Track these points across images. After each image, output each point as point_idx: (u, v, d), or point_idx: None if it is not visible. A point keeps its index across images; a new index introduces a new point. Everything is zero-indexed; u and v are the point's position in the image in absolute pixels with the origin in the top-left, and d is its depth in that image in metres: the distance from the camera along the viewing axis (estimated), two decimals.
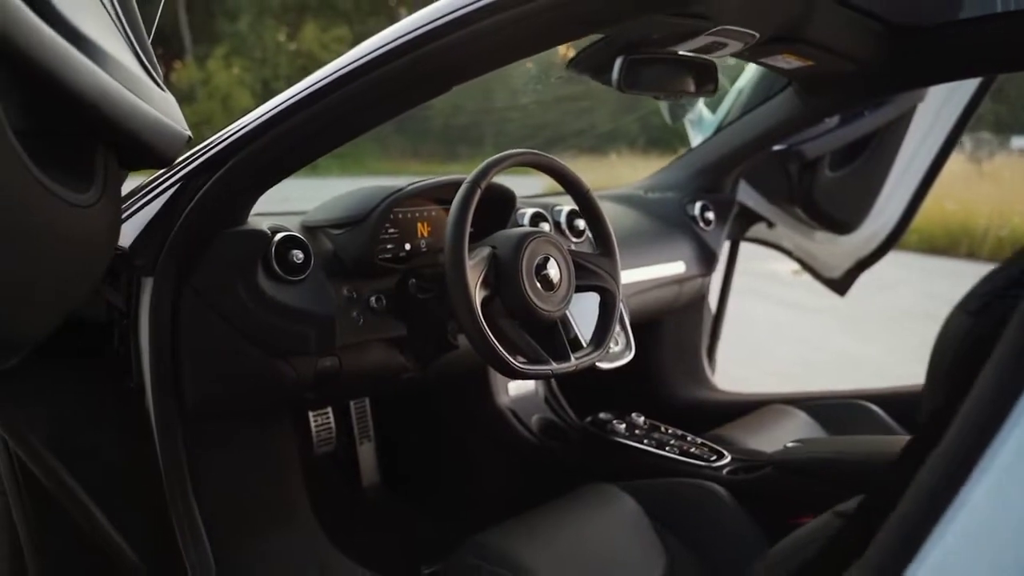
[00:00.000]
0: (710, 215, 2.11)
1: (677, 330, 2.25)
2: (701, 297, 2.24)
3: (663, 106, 2.41)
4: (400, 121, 1.33)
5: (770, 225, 2.44)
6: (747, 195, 2.33)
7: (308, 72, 1.17)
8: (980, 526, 0.47)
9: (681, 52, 1.40)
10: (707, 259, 2.07)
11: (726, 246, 2.39)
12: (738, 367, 3.64)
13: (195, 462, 1.27)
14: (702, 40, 1.33)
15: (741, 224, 2.40)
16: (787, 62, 1.62)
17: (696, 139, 2.37)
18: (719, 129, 2.23)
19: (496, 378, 1.77)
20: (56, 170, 0.85)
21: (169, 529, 1.26)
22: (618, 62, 1.35)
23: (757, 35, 1.37)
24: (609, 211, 2.07)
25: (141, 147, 0.99)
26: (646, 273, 1.93)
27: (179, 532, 1.26)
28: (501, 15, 0.98)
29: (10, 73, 0.77)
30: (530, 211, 1.65)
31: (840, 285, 2.60)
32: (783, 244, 2.56)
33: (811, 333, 5.26)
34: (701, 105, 2.39)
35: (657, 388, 2.16)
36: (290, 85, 1.16)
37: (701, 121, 2.41)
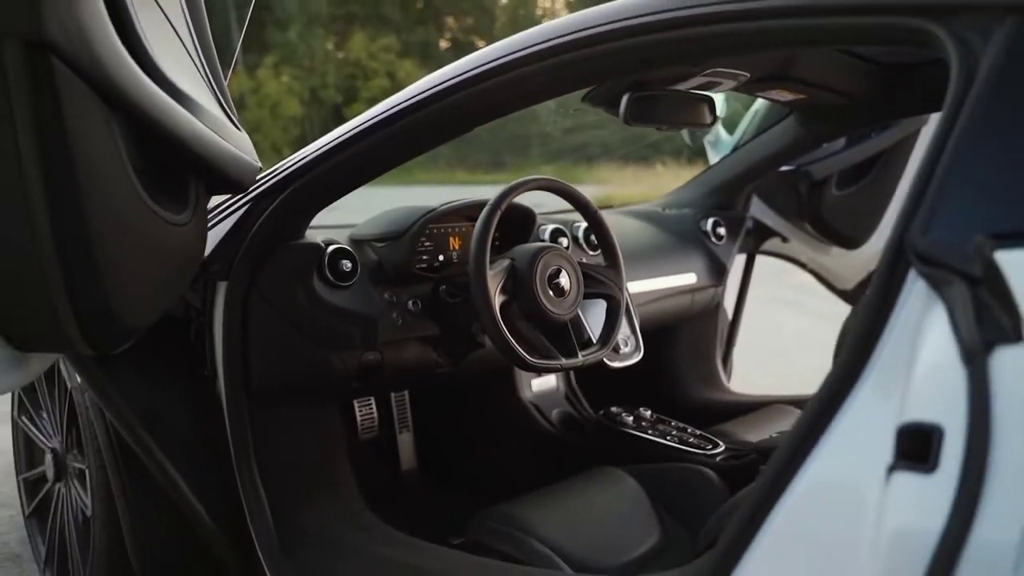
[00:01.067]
0: (722, 230, 2.29)
1: (694, 336, 2.43)
2: (716, 306, 2.42)
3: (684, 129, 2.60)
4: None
5: (784, 240, 2.60)
6: (761, 211, 2.50)
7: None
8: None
9: (681, 89, 1.59)
10: (718, 271, 2.25)
11: (742, 259, 2.57)
12: (764, 376, 3.78)
13: (258, 440, 1.50)
14: (698, 80, 1.52)
15: (756, 238, 2.57)
16: (782, 95, 1.80)
17: (714, 159, 2.55)
18: (735, 149, 2.41)
19: (520, 375, 1.97)
20: (161, 196, 1.09)
21: (236, 498, 1.49)
22: (624, 98, 1.54)
23: (748, 75, 1.56)
24: (629, 226, 2.28)
25: (223, 177, 1.23)
26: (661, 283, 2.12)
27: (245, 501, 1.48)
28: (543, 62, 1.17)
29: (130, 125, 1.00)
30: (551, 227, 1.86)
31: (853, 297, 2.75)
32: (798, 257, 2.72)
33: None
34: (719, 127, 2.58)
35: (672, 388, 2.34)
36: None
37: (719, 142, 2.59)
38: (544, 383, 2.02)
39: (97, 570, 1.60)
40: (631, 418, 1.83)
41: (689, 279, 2.18)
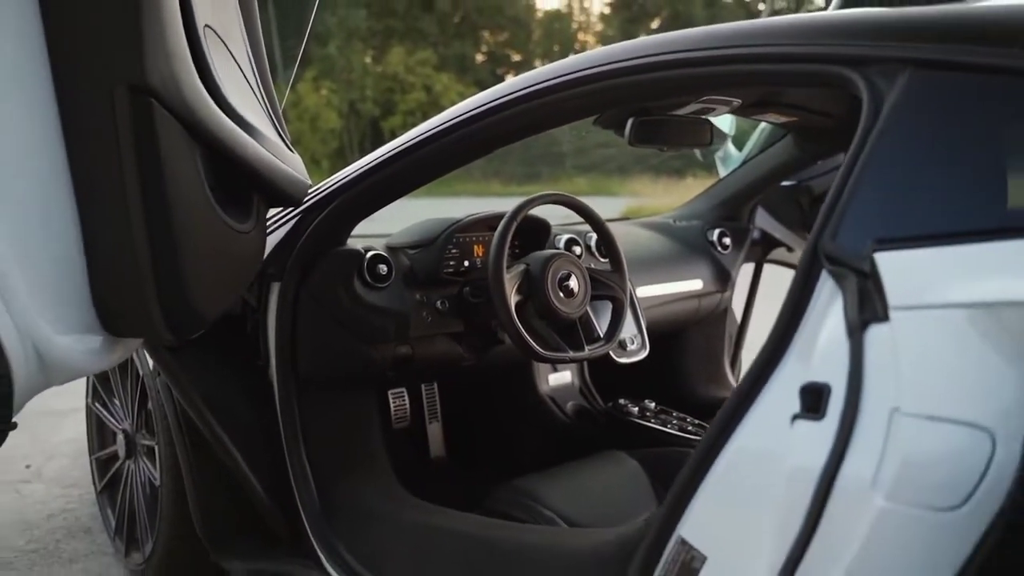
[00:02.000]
0: (727, 240, 2.48)
1: (702, 338, 2.61)
2: (723, 311, 2.60)
3: None
4: None
5: (790, 249, 2.78)
6: (767, 223, 2.68)
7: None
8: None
9: (680, 114, 1.79)
10: (723, 278, 2.43)
11: (749, 267, 2.75)
12: None
13: (305, 422, 1.71)
14: (693, 106, 1.72)
15: (763, 248, 2.75)
16: (775, 118, 1.99)
17: (724, 174, 2.74)
18: (742, 165, 2.59)
19: (538, 371, 2.17)
20: (229, 208, 1.32)
21: (285, 471, 1.70)
22: (629, 122, 1.74)
23: (739, 101, 1.75)
24: (642, 236, 2.48)
25: (279, 192, 1.45)
26: (669, 288, 2.32)
27: (292, 474, 1.70)
28: (572, 90, 1.36)
29: (207, 151, 1.23)
30: (566, 236, 2.06)
31: None
32: None
33: None
34: (729, 144, 2.76)
35: (681, 386, 2.53)
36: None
37: (728, 158, 2.77)
38: (560, 378, 2.22)
39: (164, 534, 1.83)
40: (636, 409, 2.02)
41: (695, 285, 2.37)
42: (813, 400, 0.81)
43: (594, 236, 2.15)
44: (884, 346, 0.76)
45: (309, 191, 1.65)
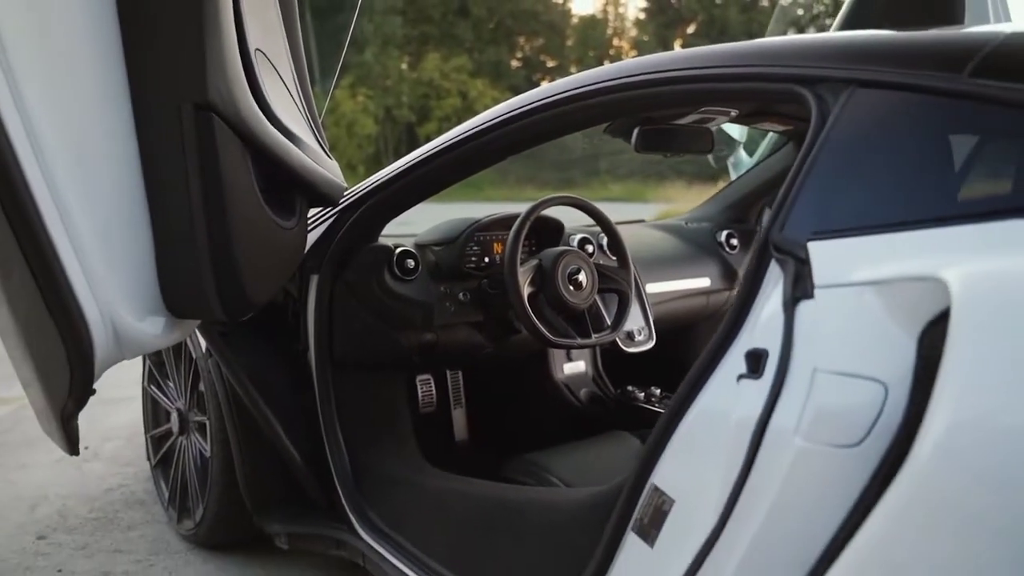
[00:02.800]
0: (735, 241, 2.63)
1: (710, 333, 2.76)
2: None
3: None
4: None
5: None
6: None
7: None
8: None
9: (682, 123, 1.95)
10: (730, 276, 2.59)
11: None
12: None
13: (339, 400, 1.90)
14: (692, 116, 1.89)
15: None
16: (773, 126, 2.15)
17: (735, 178, 2.90)
18: (751, 169, 2.75)
19: (554, 360, 2.35)
20: (276, 208, 1.52)
21: (321, 444, 1.89)
22: (635, 131, 1.92)
23: (735, 111, 1.92)
24: (654, 236, 2.65)
25: (318, 194, 1.65)
26: (678, 285, 2.48)
27: (327, 446, 1.89)
28: (588, 101, 1.52)
29: (258, 158, 1.43)
30: (579, 236, 2.24)
31: None
32: None
33: None
34: (740, 150, 2.92)
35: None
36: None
37: (739, 163, 2.94)
38: (574, 367, 2.39)
39: (213, 501, 2.04)
40: (643, 394, 2.19)
41: (703, 283, 2.53)
42: (754, 363, 0.98)
43: (605, 236, 2.32)
44: (809, 318, 0.93)
45: (345, 193, 1.85)
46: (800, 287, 0.96)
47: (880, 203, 0.96)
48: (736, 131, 2.80)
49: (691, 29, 33.54)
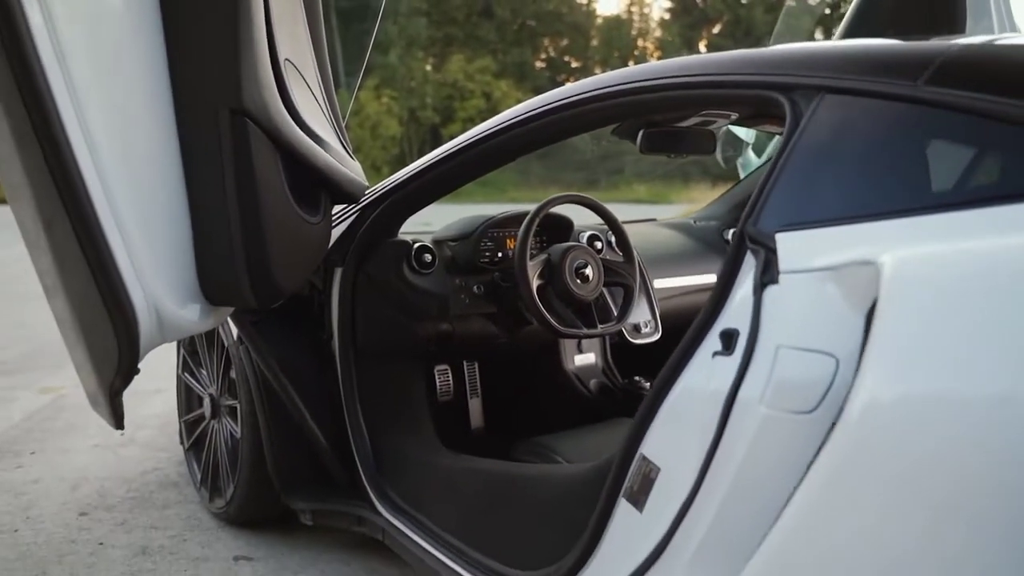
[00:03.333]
0: None
1: None
2: None
3: (717, 153, 3.06)
4: (542, 152, 1.84)
5: None
6: None
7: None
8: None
9: (684, 125, 2.06)
10: None
11: None
12: None
13: (361, 386, 2.03)
14: (694, 119, 1.99)
15: None
16: (773, 128, 2.25)
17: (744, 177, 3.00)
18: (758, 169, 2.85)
19: (565, 351, 2.46)
20: (303, 204, 1.65)
21: (343, 426, 2.03)
22: (640, 133, 2.03)
23: (735, 114, 2.02)
24: (664, 234, 2.77)
25: (342, 192, 1.79)
26: (684, 281, 2.59)
27: (350, 428, 2.02)
28: (592, 104, 1.64)
29: (287, 159, 1.56)
30: (589, 233, 2.35)
31: None
32: None
33: None
34: (749, 150, 3.03)
35: None
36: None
37: (748, 164, 3.04)
38: (584, 359, 2.51)
39: (243, 480, 2.18)
40: (649, 384, 2.30)
41: (710, 279, 2.64)
42: (727, 341, 1.09)
43: (612, 233, 2.44)
44: (774, 300, 1.04)
45: (366, 191, 1.98)
46: (768, 273, 1.07)
47: (839, 198, 1.07)
48: (744, 133, 2.90)
49: (716, 29, 33.48)
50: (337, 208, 2.00)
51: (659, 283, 2.48)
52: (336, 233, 1.99)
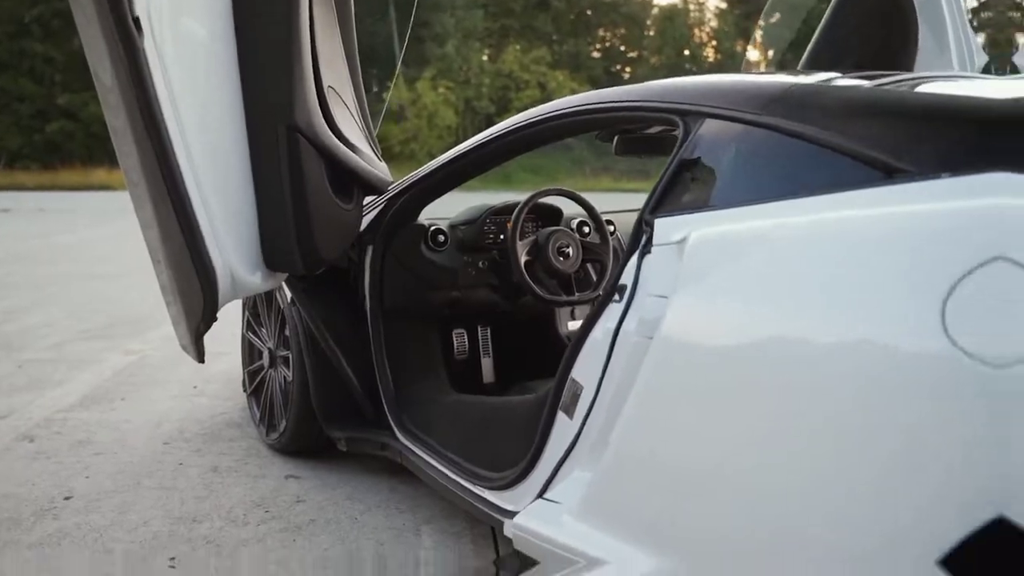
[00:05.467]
0: None
1: None
2: None
3: None
4: (594, 142, 2.20)
5: None
6: None
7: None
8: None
9: (652, 132, 2.52)
10: None
11: None
12: None
13: (388, 339, 2.54)
14: (658, 127, 2.45)
15: None
16: None
17: None
18: None
19: (560, 319, 2.94)
20: (340, 195, 2.18)
21: (372, 371, 2.54)
22: (616, 138, 2.50)
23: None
24: None
25: (370, 186, 2.31)
26: None
27: (378, 374, 2.53)
28: (554, 122, 2.12)
29: (329, 164, 2.09)
30: (577, 220, 2.83)
31: None
32: None
33: None
34: None
35: None
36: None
37: None
38: (576, 325, 2.98)
39: (293, 415, 2.72)
40: None
41: None
42: (620, 293, 1.57)
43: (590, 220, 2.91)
44: (648, 264, 1.52)
45: (390, 185, 2.50)
46: (648, 246, 1.55)
47: (698, 194, 1.55)
48: None
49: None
50: (368, 199, 2.52)
51: None
52: (369, 218, 2.51)
